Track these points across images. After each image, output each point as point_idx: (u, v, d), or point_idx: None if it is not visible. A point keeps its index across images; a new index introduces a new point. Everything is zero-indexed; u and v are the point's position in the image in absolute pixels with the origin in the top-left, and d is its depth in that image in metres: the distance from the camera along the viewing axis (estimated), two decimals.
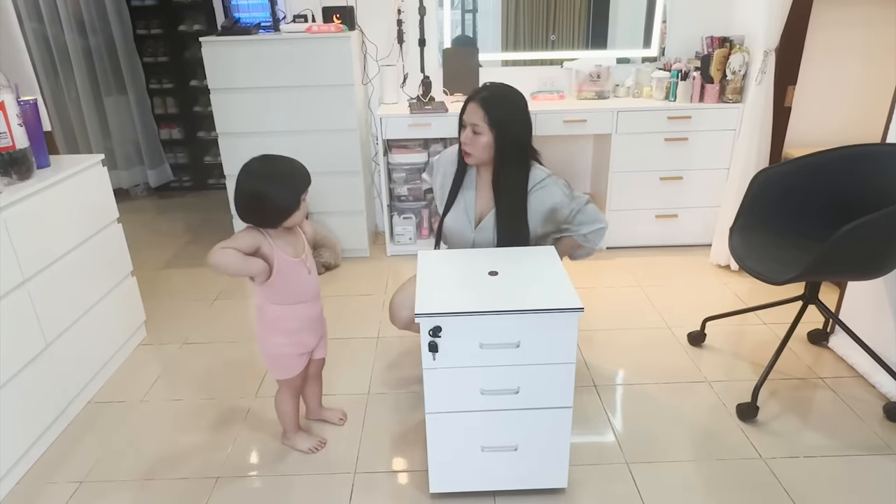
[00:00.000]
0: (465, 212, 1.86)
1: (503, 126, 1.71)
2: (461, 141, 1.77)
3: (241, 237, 1.53)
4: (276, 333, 1.66)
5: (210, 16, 3.39)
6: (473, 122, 1.72)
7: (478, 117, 1.71)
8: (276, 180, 1.51)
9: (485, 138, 1.72)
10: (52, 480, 1.73)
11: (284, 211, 1.53)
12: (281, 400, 1.77)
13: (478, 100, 1.72)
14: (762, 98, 2.62)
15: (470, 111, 1.74)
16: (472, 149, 1.75)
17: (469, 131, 1.74)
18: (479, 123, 1.71)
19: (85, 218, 2.07)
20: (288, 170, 1.54)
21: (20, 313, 1.75)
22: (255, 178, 1.51)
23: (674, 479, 1.67)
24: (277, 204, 1.51)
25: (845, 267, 1.78)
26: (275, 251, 1.55)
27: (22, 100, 1.92)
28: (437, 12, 3.07)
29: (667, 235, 3.11)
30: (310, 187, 1.57)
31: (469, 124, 1.73)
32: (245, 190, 1.51)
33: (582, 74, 3.01)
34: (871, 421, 1.86)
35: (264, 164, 1.53)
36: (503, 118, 1.71)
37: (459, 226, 1.87)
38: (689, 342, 2.31)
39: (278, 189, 1.51)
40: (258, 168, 1.52)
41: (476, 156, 1.76)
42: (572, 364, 1.44)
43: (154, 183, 4.25)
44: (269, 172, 1.52)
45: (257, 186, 1.50)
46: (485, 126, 1.70)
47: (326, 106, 2.84)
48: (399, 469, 1.73)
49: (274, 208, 1.52)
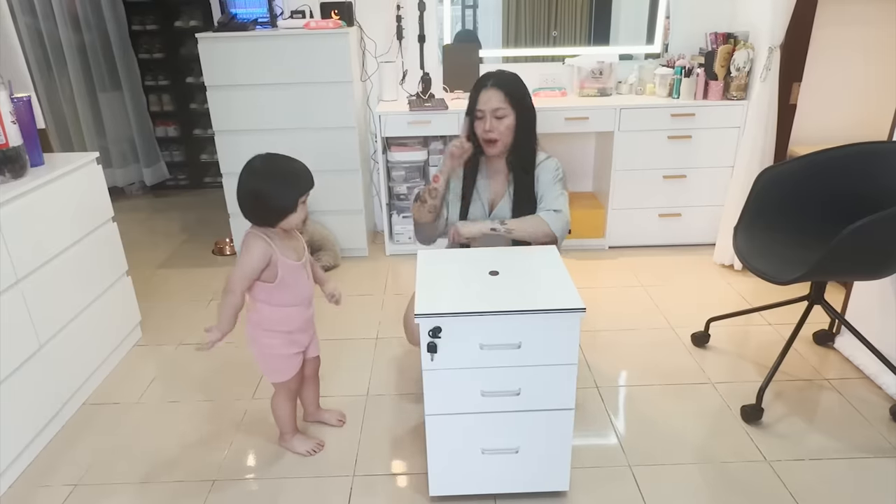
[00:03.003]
0: (480, 202, 1.86)
1: (522, 103, 1.74)
2: (485, 129, 1.74)
3: (250, 261, 1.52)
4: (270, 335, 1.64)
5: (206, 11, 3.36)
6: (495, 106, 1.72)
7: (498, 100, 1.72)
8: (277, 180, 1.50)
9: (509, 119, 1.73)
10: (46, 483, 1.71)
11: (281, 211, 1.52)
12: (277, 403, 1.75)
13: (491, 85, 1.73)
14: (767, 95, 2.59)
15: (486, 99, 1.73)
16: (498, 134, 1.74)
17: (489, 119, 1.72)
18: (502, 105, 1.72)
19: (79, 217, 2.05)
20: (290, 170, 1.53)
21: (13, 314, 1.73)
22: (257, 175, 1.50)
23: (677, 482, 1.65)
24: (275, 203, 1.50)
25: (851, 266, 1.76)
26: (278, 256, 1.54)
27: (15, 97, 1.89)
28: (436, 8, 3.04)
29: (670, 234, 3.09)
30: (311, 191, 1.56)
31: (489, 111, 1.72)
32: (245, 187, 1.51)
33: (584, 71, 2.98)
34: (878, 423, 1.84)
35: (267, 162, 1.52)
36: (520, 96, 1.74)
37: (475, 216, 1.87)
38: (692, 343, 2.29)
39: (277, 188, 1.50)
40: (260, 166, 1.51)
41: (503, 141, 1.75)
42: (574, 365, 1.43)
43: (150, 181, 4.22)
44: (270, 171, 1.51)
45: (257, 184, 1.50)
46: (508, 107, 1.72)
47: (324, 103, 2.82)
48: (398, 472, 1.72)
49: (271, 207, 1.51)
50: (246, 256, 1.52)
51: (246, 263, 1.52)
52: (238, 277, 1.53)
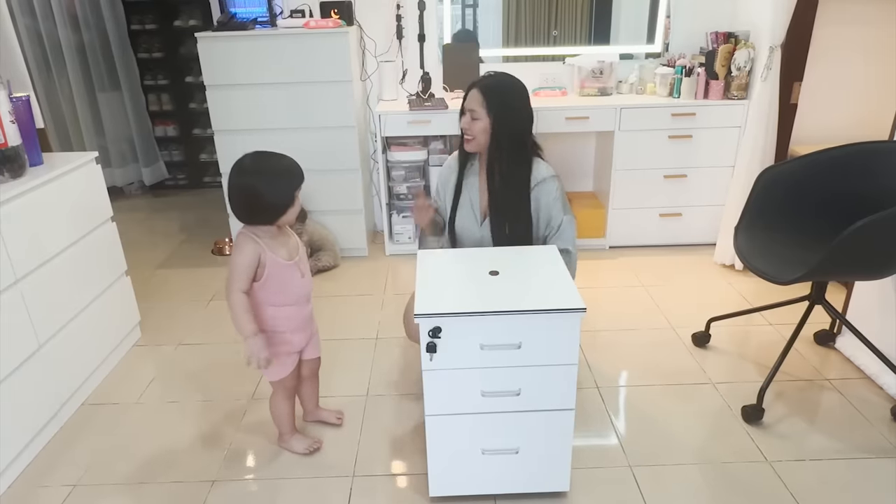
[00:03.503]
0: (472, 209, 1.86)
1: (500, 113, 1.73)
2: (461, 127, 1.79)
3: (241, 262, 1.51)
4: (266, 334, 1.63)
5: (206, 11, 3.35)
6: (472, 107, 1.75)
7: (476, 103, 1.74)
8: (271, 177, 1.50)
9: (483, 123, 1.74)
10: (44, 484, 1.71)
11: (280, 208, 1.52)
12: (276, 402, 1.74)
13: (479, 86, 1.76)
14: (768, 95, 2.59)
15: (471, 97, 1.77)
16: (470, 133, 1.77)
17: (468, 117, 1.76)
18: (477, 109, 1.74)
19: (78, 217, 2.05)
20: (281, 166, 1.52)
21: (12, 314, 1.73)
22: (249, 175, 1.49)
23: (678, 483, 1.64)
24: (272, 200, 1.50)
25: (853, 266, 1.76)
26: (267, 255, 1.54)
27: (14, 96, 1.89)
28: (436, 7, 3.03)
29: (670, 234, 3.08)
30: (303, 184, 1.56)
31: (468, 110, 1.76)
32: (238, 187, 1.50)
33: (584, 70, 2.97)
34: (879, 423, 1.84)
35: (257, 160, 1.51)
36: (501, 105, 1.73)
37: (467, 223, 1.87)
38: (693, 343, 2.28)
39: (273, 185, 1.49)
40: (251, 165, 1.50)
41: (476, 140, 1.77)
42: (574, 365, 1.42)
43: (149, 181, 4.21)
44: (262, 169, 1.50)
45: (251, 183, 1.48)
46: (482, 111, 1.73)
47: (324, 102, 2.81)
48: (398, 472, 1.71)
49: (269, 205, 1.50)
50: (237, 257, 1.52)
51: (238, 264, 1.52)
52: (233, 279, 1.52)
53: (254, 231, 1.54)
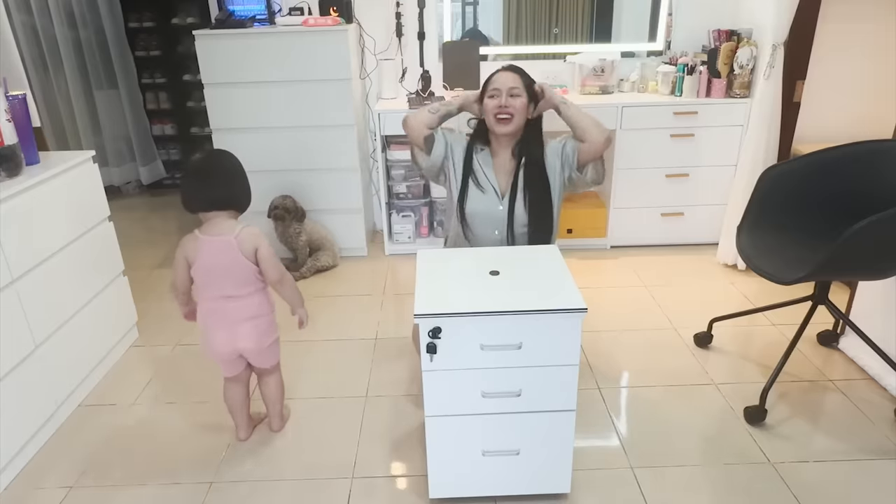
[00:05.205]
0: (491, 188, 1.88)
1: (532, 91, 1.83)
2: (500, 105, 1.80)
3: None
4: (274, 320, 1.78)
5: (204, 8, 3.33)
6: (511, 84, 1.80)
7: (514, 80, 1.80)
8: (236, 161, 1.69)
9: (523, 99, 1.81)
10: (40, 486, 1.70)
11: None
12: (279, 379, 1.84)
13: (509, 68, 1.84)
14: (770, 93, 2.58)
15: (502, 79, 1.82)
16: (512, 110, 1.80)
17: (505, 96, 1.80)
18: (517, 86, 1.80)
19: (75, 216, 2.03)
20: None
21: (8, 314, 1.72)
22: (232, 158, 1.65)
23: (679, 484, 1.63)
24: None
25: (856, 266, 1.75)
26: None
27: (10, 94, 1.88)
28: (436, 5, 3.02)
29: (673, 234, 3.07)
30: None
31: (505, 89, 1.80)
32: (235, 169, 1.65)
33: (585, 69, 2.95)
34: (882, 424, 1.83)
35: (227, 155, 1.67)
36: (531, 83, 1.84)
37: (487, 205, 1.87)
38: (695, 343, 2.27)
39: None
40: (231, 156, 1.66)
41: (516, 119, 1.82)
42: (575, 366, 1.42)
43: (146, 180, 4.19)
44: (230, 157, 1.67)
45: (237, 164, 1.65)
46: (521, 88, 1.80)
47: (323, 101, 2.79)
48: (398, 474, 1.70)
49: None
50: (270, 247, 1.66)
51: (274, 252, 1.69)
52: (279, 263, 1.68)
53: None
